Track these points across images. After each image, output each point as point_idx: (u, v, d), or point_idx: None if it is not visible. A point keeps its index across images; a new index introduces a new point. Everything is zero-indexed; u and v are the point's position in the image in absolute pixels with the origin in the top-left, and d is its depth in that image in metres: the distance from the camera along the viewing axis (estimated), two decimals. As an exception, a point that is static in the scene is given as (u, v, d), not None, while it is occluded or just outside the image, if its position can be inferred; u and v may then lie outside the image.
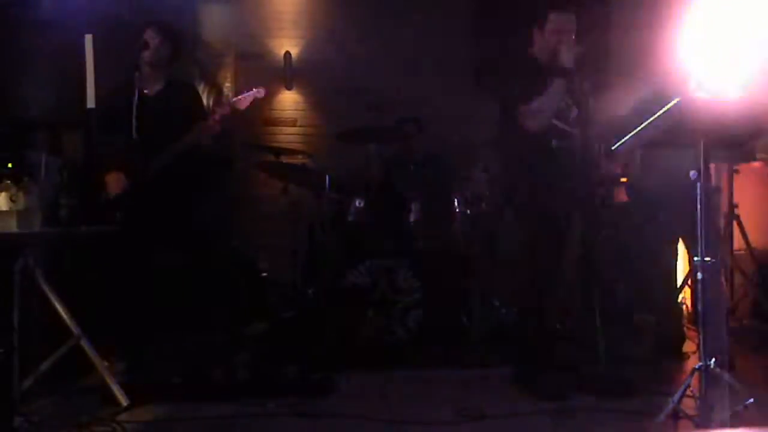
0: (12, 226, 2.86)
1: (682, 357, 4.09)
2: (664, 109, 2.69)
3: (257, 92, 3.80)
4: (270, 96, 5.20)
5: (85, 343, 3.21)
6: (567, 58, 3.43)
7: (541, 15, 3.54)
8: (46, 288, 3.20)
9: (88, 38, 3.38)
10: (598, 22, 5.32)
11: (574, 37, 3.49)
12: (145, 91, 3.78)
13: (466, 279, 4.53)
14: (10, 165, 3.03)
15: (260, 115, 5.46)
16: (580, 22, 3.55)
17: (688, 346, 4.17)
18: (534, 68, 3.55)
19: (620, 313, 4.43)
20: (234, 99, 3.83)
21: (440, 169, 4.87)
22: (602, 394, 3.33)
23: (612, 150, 3.15)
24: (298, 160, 4.73)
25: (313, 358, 3.79)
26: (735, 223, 4.86)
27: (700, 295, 2.94)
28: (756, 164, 5.05)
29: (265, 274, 4.84)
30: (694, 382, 2.86)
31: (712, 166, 2.89)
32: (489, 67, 5.33)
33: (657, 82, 3.98)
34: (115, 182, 3.64)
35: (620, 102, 3.68)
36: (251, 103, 3.79)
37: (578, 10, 3.56)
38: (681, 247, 4.29)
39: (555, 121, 3.49)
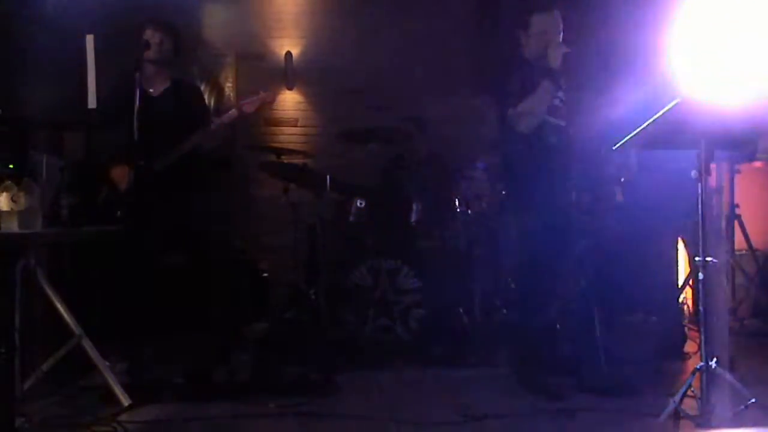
0: (13, 226, 2.86)
1: (683, 357, 4.09)
2: (665, 109, 2.70)
3: (265, 96, 3.80)
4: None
5: (86, 343, 3.22)
6: (554, 58, 3.45)
7: (525, 17, 3.56)
8: (47, 288, 3.21)
9: (89, 38, 3.39)
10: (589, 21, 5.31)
11: (560, 37, 3.51)
12: (150, 91, 3.77)
13: (466, 279, 4.53)
14: (11, 165, 3.03)
15: (261, 115, 5.45)
16: (568, 22, 3.56)
17: (689, 347, 4.17)
18: (524, 70, 3.57)
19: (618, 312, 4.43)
20: (242, 103, 3.82)
21: (440, 169, 4.86)
22: (602, 394, 3.33)
23: (612, 150, 3.15)
24: (299, 160, 4.72)
25: (313, 358, 3.79)
26: (736, 223, 4.86)
27: (701, 295, 2.94)
28: (758, 164, 5.04)
29: (266, 274, 4.83)
30: (696, 382, 2.86)
31: (713, 166, 2.89)
32: (488, 68, 5.34)
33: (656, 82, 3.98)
34: (120, 176, 3.64)
35: (614, 102, 3.68)
36: (259, 107, 3.80)
37: (566, 10, 3.58)
38: (681, 247, 4.29)
39: (549, 118, 3.51)
